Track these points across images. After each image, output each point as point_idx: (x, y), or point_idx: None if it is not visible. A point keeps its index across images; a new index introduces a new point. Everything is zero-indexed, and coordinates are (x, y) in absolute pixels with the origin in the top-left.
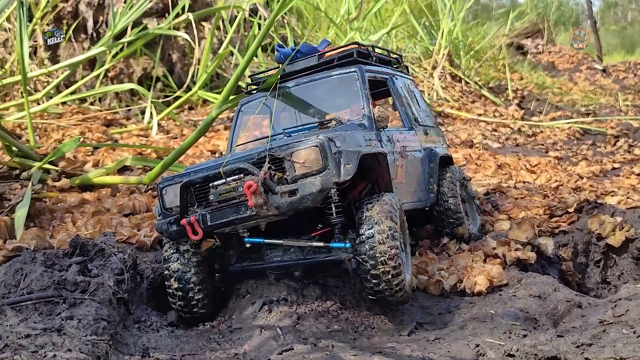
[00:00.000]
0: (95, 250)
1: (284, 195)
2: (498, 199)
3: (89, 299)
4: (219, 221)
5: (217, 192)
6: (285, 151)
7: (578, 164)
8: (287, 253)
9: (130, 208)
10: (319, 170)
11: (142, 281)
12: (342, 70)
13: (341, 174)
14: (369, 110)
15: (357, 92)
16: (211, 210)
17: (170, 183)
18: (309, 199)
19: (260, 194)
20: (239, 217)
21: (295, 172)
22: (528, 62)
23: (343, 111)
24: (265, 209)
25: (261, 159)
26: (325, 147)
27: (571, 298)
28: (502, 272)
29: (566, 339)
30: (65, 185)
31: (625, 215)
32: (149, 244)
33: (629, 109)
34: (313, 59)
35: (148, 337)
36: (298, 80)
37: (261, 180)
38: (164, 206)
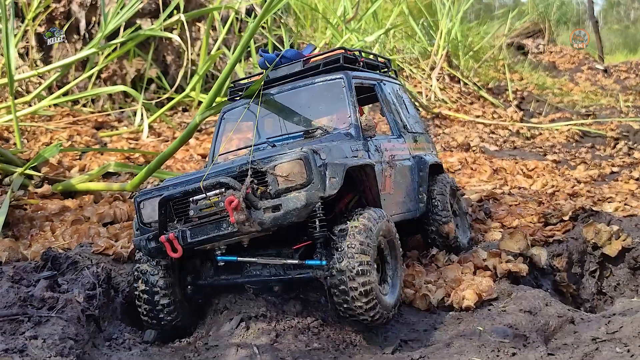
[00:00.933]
0: (67, 263)
1: (267, 211)
2: (491, 206)
3: (56, 316)
4: (199, 238)
5: (197, 208)
6: (267, 164)
7: (576, 168)
8: (265, 268)
9: (111, 216)
10: (302, 184)
11: (117, 296)
12: (328, 77)
13: (326, 188)
14: (355, 118)
15: (343, 99)
16: (191, 226)
17: (147, 197)
18: (294, 214)
19: (242, 210)
20: (220, 233)
21: (279, 186)
22: (529, 62)
23: (329, 119)
24: (247, 225)
25: (243, 172)
26: (309, 160)
27: (563, 313)
28: (491, 285)
29: (557, 357)
30: (47, 191)
31: (622, 223)
32: (126, 255)
33: (630, 110)
34: (298, 65)
35: (119, 355)
36: (282, 86)
37: (243, 196)
38: (142, 221)
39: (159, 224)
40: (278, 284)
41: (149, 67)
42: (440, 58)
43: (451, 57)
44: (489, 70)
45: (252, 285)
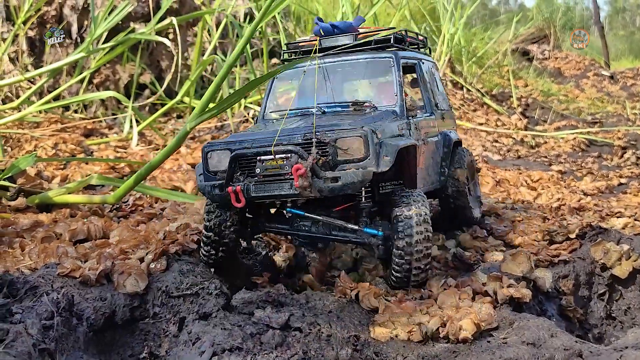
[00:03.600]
0: (26, 288)
1: (327, 181)
2: (493, 222)
3: (3, 352)
4: (262, 194)
5: (263, 167)
6: (330, 136)
7: (582, 179)
8: (315, 225)
9: (85, 233)
10: (360, 159)
11: (80, 324)
12: (379, 55)
13: (380, 165)
14: (401, 98)
15: (391, 77)
16: (255, 182)
17: (215, 148)
18: (350, 187)
19: (307, 177)
20: (282, 193)
21: (338, 158)
22: (534, 68)
23: (375, 94)
24: (308, 190)
25: (307, 140)
26: (368, 138)
27: (570, 345)
28: (491, 313)
29: None
30: (21, 205)
31: (632, 242)
32: (94, 278)
33: (637, 117)
34: (350, 38)
35: None
36: (334, 56)
37: (310, 166)
38: (207, 169)
39: (227, 176)
40: (323, 241)
41: (142, 72)
42: (443, 64)
43: (454, 62)
44: (493, 77)
45: (300, 238)
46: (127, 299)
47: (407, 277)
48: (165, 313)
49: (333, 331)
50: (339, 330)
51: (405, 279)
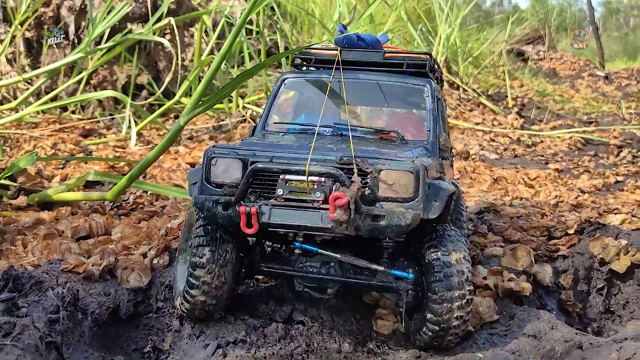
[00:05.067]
0: (31, 283)
1: (368, 218)
2: (492, 218)
3: (10, 344)
4: (283, 222)
5: (287, 188)
6: (374, 165)
7: (579, 177)
8: (325, 266)
9: (87, 230)
10: (405, 198)
11: (85, 318)
12: (412, 80)
13: (429, 211)
14: (434, 134)
15: (425, 108)
16: (275, 206)
17: (223, 154)
18: (394, 230)
19: (347, 211)
20: (310, 225)
21: (379, 192)
22: (529, 69)
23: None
24: (344, 226)
25: (343, 164)
26: (420, 175)
27: (570, 337)
28: (492, 306)
29: None
30: (22, 203)
31: (630, 237)
32: (97, 274)
33: (633, 117)
34: (378, 55)
35: None
36: (356, 72)
37: (354, 196)
38: (209, 179)
39: (240, 193)
40: (334, 286)
41: (140, 72)
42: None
43: (450, 63)
44: (488, 77)
45: (306, 281)
46: (130, 294)
47: (442, 338)
48: (168, 307)
49: (335, 324)
50: (341, 323)
51: (437, 340)
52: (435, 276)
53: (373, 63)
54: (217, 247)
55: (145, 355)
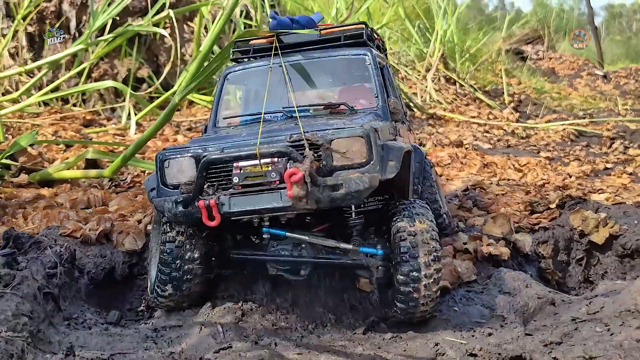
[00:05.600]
0: (30, 242)
1: (326, 189)
2: (478, 195)
3: (10, 293)
4: (244, 208)
5: (242, 175)
6: (325, 137)
7: (569, 164)
8: (297, 248)
9: (85, 203)
10: (361, 163)
11: (82, 276)
12: (352, 52)
13: (386, 171)
14: (383, 99)
15: (369, 77)
16: (233, 194)
17: (174, 155)
18: (354, 196)
19: (303, 185)
20: (269, 206)
21: (334, 163)
22: (528, 68)
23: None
24: (303, 201)
25: (295, 142)
26: (371, 138)
27: (544, 295)
28: (471, 268)
29: (534, 337)
30: (23, 181)
31: (610, 211)
32: (94, 237)
33: (628, 112)
34: (314, 34)
35: (77, 335)
36: (295, 54)
37: (308, 170)
38: (164, 181)
39: (196, 188)
40: (306, 267)
41: (140, 66)
42: (436, 59)
43: (447, 59)
44: (487, 75)
45: (278, 265)
46: (125, 257)
47: (415, 306)
48: None
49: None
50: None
51: (411, 310)
52: (401, 248)
53: (311, 42)
54: (184, 242)
55: (139, 314)
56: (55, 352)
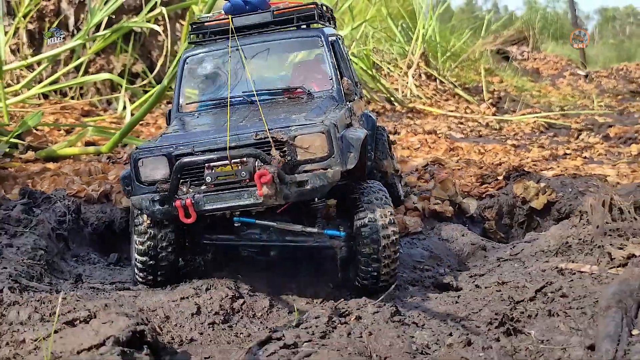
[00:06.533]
0: (42, 197)
1: (293, 186)
2: (435, 169)
3: (29, 232)
4: (217, 206)
5: (214, 174)
6: (288, 134)
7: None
8: (265, 232)
9: (87, 172)
10: (323, 157)
11: (86, 227)
12: (305, 33)
13: (347, 163)
14: (338, 81)
15: (322, 58)
16: (207, 193)
17: (148, 155)
18: (319, 191)
19: (273, 185)
20: (241, 203)
21: (297, 158)
22: (512, 68)
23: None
24: (273, 199)
25: (260, 140)
26: (331, 134)
27: (477, 242)
28: (418, 222)
29: (464, 272)
30: (30, 157)
31: (549, 181)
32: (96, 197)
33: (602, 109)
34: (268, 15)
35: (84, 268)
36: (251, 36)
37: (276, 171)
38: (139, 179)
39: (171, 188)
40: (275, 249)
41: (135, 62)
42: (417, 57)
43: (429, 57)
44: (469, 73)
45: (249, 248)
46: (123, 213)
47: (375, 282)
48: None
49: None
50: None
51: (373, 285)
52: (363, 234)
53: (265, 24)
54: (157, 231)
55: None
56: (66, 279)
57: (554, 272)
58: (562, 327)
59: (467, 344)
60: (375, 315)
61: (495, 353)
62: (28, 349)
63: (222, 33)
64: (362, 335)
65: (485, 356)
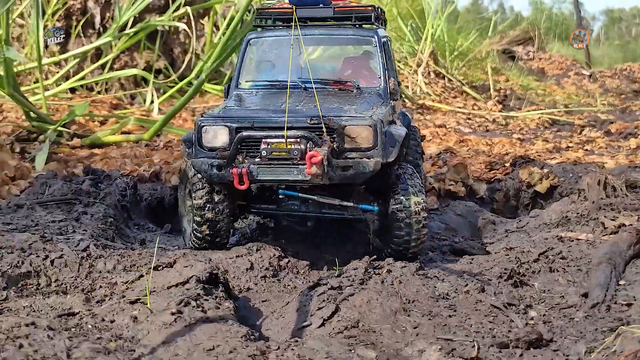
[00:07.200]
0: (104, 175)
1: (338, 169)
2: (448, 157)
3: (99, 202)
4: (269, 177)
5: (269, 149)
6: (339, 123)
7: (536, 143)
8: (304, 204)
9: (133, 156)
10: (367, 148)
11: (141, 201)
12: (361, 33)
13: (387, 156)
14: (385, 80)
15: (374, 58)
16: (260, 164)
17: (211, 123)
18: (360, 177)
19: (321, 166)
20: (290, 178)
21: (344, 145)
22: (518, 67)
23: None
24: (319, 178)
25: (313, 124)
26: (377, 128)
27: (488, 217)
28: (435, 200)
29: (476, 240)
30: (77, 144)
31: (552, 168)
32: (147, 176)
33: (605, 107)
34: (329, 10)
35: (145, 235)
36: (310, 29)
37: (326, 155)
38: (201, 144)
39: (230, 156)
40: (312, 220)
41: (157, 58)
42: (426, 55)
43: (437, 56)
44: (476, 71)
45: (289, 218)
46: (171, 190)
47: (407, 248)
48: None
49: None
50: None
51: (405, 250)
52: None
53: (325, 18)
54: (214, 192)
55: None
56: (132, 242)
57: (554, 240)
58: (560, 280)
59: (481, 291)
60: (403, 269)
61: (505, 296)
62: (121, 289)
63: (285, 21)
64: (393, 283)
65: (496, 299)
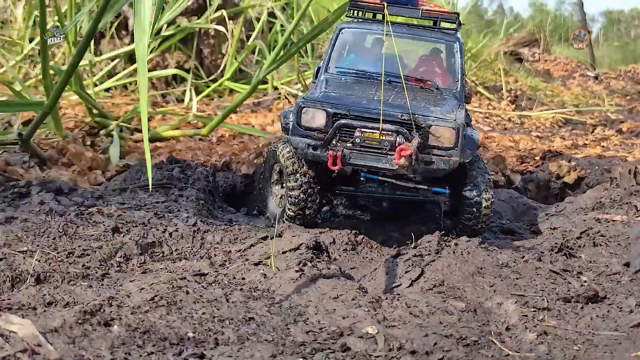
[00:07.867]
0: (185, 164)
1: (422, 163)
2: (481, 152)
3: (190, 187)
4: (359, 162)
5: (362, 137)
6: (426, 122)
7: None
8: (381, 186)
9: (197, 149)
10: (447, 147)
11: (218, 188)
12: (445, 38)
13: (464, 157)
14: (462, 84)
15: (455, 62)
16: (352, 150)
17: (311, 106)
18: (439, 172)
19: (409, 159)
20: (379, 165)
21: (428, 142)
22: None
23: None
24: (405, 169)
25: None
26: (459, 131)
27: (528, 203)
28: None
29: (521, 222)
30: (139, 138)
31: (579, 161)
32: (220, 165)
33: (614, 107)
34: (417, 12)
35: (229, 216)
36: (398, 26)
37: (415, 150)
38: (300, 123)
39: (328, 139)
40: (387, 201)
41: (187, 59)
42: None
43: None
44: (486, 73)
45: (367, 199)
46: (241, 179)
47: (474, 230)
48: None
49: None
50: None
51: (475, 227)
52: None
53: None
54: (305, 173)
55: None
56: (221, 222)
57: (592, 221)
58: (604, 252)
59: (538, 259)
60: (468, 243)
61: (561, 264)
62: (236, 256)
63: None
64: (462, 253)
65: (552, 266)
